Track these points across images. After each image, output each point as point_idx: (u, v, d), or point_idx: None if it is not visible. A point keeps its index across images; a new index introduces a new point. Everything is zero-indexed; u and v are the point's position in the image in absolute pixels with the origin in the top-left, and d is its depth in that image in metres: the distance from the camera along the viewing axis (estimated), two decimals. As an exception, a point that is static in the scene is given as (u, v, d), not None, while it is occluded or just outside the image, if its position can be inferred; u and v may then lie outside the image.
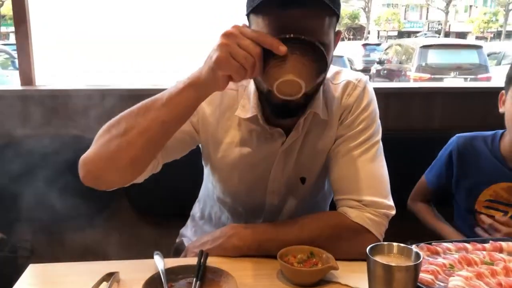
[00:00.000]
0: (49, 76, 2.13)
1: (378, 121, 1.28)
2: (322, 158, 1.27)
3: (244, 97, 1.23)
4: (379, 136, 1.26)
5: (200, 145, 1.33)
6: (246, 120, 1.22)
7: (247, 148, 1.25)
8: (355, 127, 1.23)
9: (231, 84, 1.21)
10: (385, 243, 0.99)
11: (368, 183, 1.20)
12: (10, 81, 8.49)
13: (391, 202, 1.21)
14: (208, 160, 1.34)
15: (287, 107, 1.09)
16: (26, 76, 2.00)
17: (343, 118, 1.24)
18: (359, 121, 1.23)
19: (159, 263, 1.05)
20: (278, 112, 1.13)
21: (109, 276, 1.02)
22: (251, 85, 1.22)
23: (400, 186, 1.31)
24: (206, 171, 1.43)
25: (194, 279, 1.00)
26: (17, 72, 2.10)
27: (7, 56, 11.10)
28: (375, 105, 1.27)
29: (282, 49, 0.93)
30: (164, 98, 1.04)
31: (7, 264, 1.68)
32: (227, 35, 0.95)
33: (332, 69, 1.26)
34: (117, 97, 1.91)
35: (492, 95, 2.22)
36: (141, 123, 1.05)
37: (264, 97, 1.14)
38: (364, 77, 1.28)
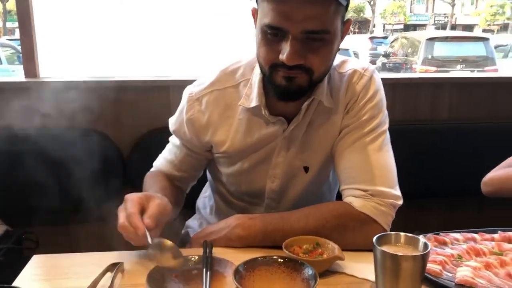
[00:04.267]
0: (54, 68, 2.12)
1: (385, 110, 1.26)
2: (326, 147, 1.26)
3: (248, 87, 1.23)
4: (386, 125, 1.25)
5: None
6: (249, 110, 1.23)
7: (250, 137, 1.26)
8: (362, 116, 1.21)
9: (229, 81, 1.27)
10: (392, 233, 0.97)
11: (375, 173, 1.18)
12: (16, 75, 8.55)
13: (398, 192, 1.19)
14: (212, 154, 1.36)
15: (290, 88, 1.09)
16: (30, 68, 1.99)
17: (349, 107, 1.23)
18: (366, 111, 1.21)
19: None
20: (281, 94, 1.13)
21: (113, 267, 1.02)
22: (255, 74, 1.22)
23: (407, 178, 1.29)
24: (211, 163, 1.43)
25: (204, 269, 0.98)
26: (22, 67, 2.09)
27: (13, 51, 11.16)
28: (382, 94, 1.25)
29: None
30: None
31: (12, 255, 1.68)
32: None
33: (338, 58, 1.25)
34: (124, 88, 1.91)
35: (500, 85, 2.20)
36: None
37: (267, 79, 1.14)
38: (371, 66, 1.27)
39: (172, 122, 1.36)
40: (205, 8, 2.27)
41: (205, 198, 1.59)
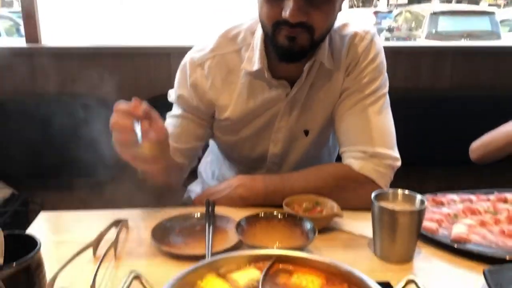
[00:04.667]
0: (54, 35, 2.12)
1: (385, 73, 1.27)
2: (326, 110, 1.27)
3: (250, 50, 1.23)
4: (386, 88, 1.26)
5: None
6: (251, 74, 1.23)
7: (252, 102, 1.26)
8: (362, 79, 1.22)
9: (230, 46, 1.25)
10: (390, 190, 1.00)
11: (374, 135, 1.20)
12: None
13: (397, 153, 1.21)
14: (214, 121, 1.35)
15: (292, 49, 1.09)
16: (31, 34, 1.99)
17: (349, 70, 1.24)
18: (366, 73, 1.22)
19: None
20: (283, 55, 1.13)
21: (118, 223, 1.04)
22: (256, 38, 1.22)
23: (407, 146, 1.30)
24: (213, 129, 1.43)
25: (206, 225, 1.01)
26: (22, 39, 2.09)
27: (11, 23, 11.05)
28: (382, 57, 1.26)
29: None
30: None
31: (18, 217, 1.72)
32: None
33: (339, 21, 1.25)
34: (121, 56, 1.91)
35: (503, 55, 2.19)
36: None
37: (270, 40, 1.14)
38: (372, 29, 1.27)
39: (173, 91, 1.34)
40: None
41: (207, 163, 1.61)
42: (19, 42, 2.23)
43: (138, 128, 0.96)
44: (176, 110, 1.32)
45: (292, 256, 0.75)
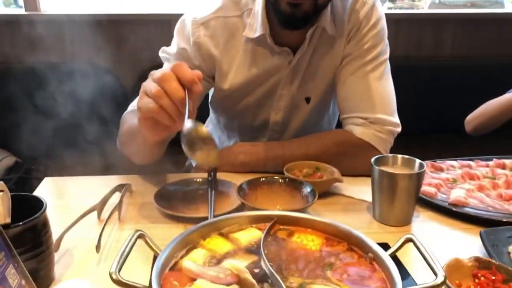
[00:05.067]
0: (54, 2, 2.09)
1: (386, 40, 1.26)
2: (328, 77, 1.27)
3: (251, 17, 1.21)
4: (387, 54, 1.25)
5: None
6: (253, 41, 1.21)
7: (254, 70, 1.24)
8: (363, 45, 1.22)
9: (233, 10, 1.21)
10: (390, 155, 1.01)
11: (375, 101, 1.20)
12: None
13: (397, 119, 1.22)
14: (214, 90, 1.34)
15: (295, 15, 1.08)
16: (31, 1, 1.97)
17: (351, 35, 1.23)
18: (368, 39, 1.21)
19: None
20: (286, 22, 1.11)
21: (122, 187, 1.05)
22: (257, 4, 1.20)
23: (409, 114, 1.31)
24: (212, 98, 1.42)
25: (209, 189, 1.02)
26: (21, 10, 2.05)
27: (9, -7, 10.87)
28: (383, 23, 1.25)
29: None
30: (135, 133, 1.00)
31: (23, 184, 1.74)
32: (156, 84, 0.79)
33: None
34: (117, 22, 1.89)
35: (505, 22, 2.16)
36: (136, 147, 1.08)
37: (271, 6, 1.12)
38: None
39: (170, 48, 1.25)
40: None
41: None
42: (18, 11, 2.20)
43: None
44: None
45: (293, 216, 0.76)
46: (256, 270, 0.64)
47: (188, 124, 0.76)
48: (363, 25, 1.21)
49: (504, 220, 0.94)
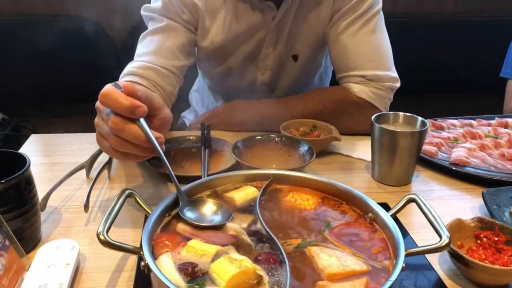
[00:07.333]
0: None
1: None
2: (316, 33, 1.20)
3: None
4: (379, 5, 1.18)
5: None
6: None
7: (235, 26, 1.16)
8: None
9: None
10: (391, 112, 0.97)
11: (370, 57, 1.14)
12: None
13: (395, 74, 1.17)
14: (197, 48, 1.23)
15: None
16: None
17: None
18: None
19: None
20: None
21: (111, 145, 1.01)
22: None
23: (409, 72, 1.25)
24: (196, 58, 1.28)
25: (202, 147, 0.99)
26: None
27: None
28: None
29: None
30: None
31: (10, 141, 1.70)
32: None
33: None
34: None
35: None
36: None
37: None
38: None
39: (155, 4, 1.15)
40: None
41: (195, 92, 1.55)
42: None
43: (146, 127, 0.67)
44: (159, 23, 1.13)
45: (289, 175, 0.73)
46: (253, 229, 0.62)
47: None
48: None
49: (506, 180, 0.91)
